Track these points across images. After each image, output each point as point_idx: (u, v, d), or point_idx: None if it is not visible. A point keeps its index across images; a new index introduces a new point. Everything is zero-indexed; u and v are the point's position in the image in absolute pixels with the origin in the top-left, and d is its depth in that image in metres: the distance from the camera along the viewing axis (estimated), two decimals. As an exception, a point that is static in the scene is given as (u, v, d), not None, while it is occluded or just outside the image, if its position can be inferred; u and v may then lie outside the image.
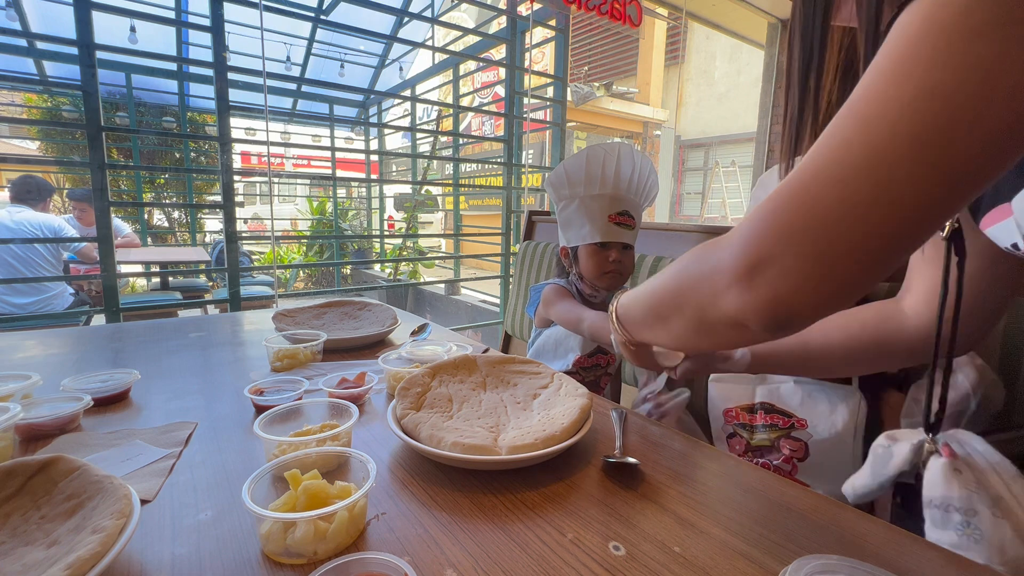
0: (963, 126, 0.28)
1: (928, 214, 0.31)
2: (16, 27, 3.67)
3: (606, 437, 0.67)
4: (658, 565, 0.42)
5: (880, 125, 0.31)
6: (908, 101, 0.30)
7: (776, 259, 0.35)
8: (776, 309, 0.36)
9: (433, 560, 0.42)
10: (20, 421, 0.60)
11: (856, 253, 0.32)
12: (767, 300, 0.36)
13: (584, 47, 9.67)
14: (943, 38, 0.29)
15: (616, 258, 1.06)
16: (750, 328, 0.38)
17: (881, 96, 0.31)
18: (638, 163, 1.08)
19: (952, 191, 0.30)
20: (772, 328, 0.38)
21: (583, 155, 1.08)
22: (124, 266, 3.50)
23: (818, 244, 0.33)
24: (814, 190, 0.33)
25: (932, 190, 0.30)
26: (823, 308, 0.36)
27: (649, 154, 9.72)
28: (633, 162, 1.07)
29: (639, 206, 1.10)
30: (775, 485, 0.56)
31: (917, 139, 0.29)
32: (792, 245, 0.34)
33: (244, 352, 1.02)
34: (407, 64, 5.72)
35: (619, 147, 1.08)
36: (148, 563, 0.41)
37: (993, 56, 0.27)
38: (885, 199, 0.31)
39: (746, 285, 0.37)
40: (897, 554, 0.44)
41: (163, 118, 5.56)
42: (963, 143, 0.29)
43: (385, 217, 6.72)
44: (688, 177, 9.72)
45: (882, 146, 0.31)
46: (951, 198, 0.31)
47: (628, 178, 1.07)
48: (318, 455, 0.52)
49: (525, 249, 1.71)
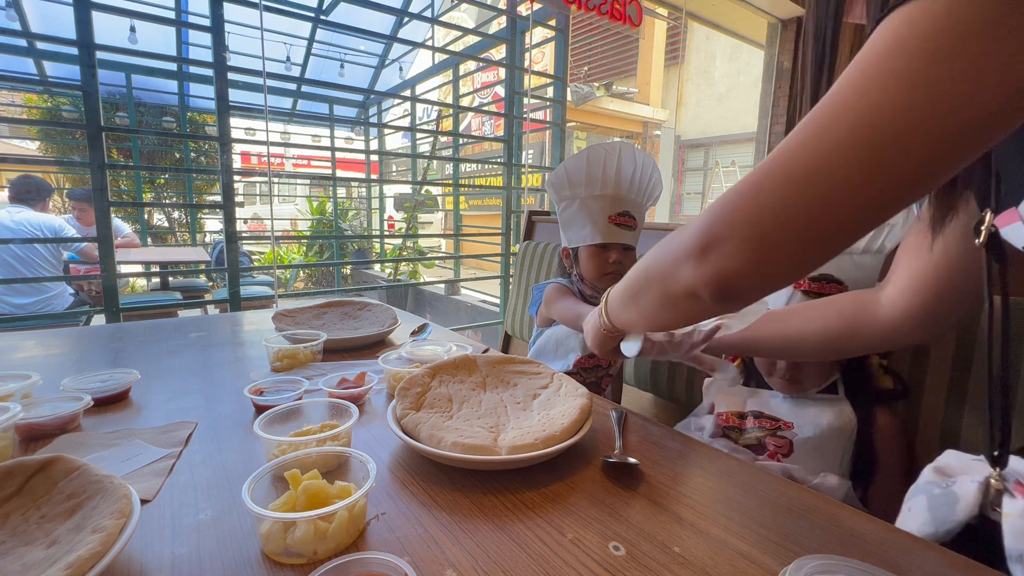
0: (906, 144, 0.30)
1: (861, 221, 0.35)
2: (16, 27, 3.67)
3: (606, 437, 0.67)
4: (658, 565, 0.42)
5: (834, 133, 0.33)
6: (862, 112, 0.32)
7: (723, 241, 0.40)
8: (722, 283, 0.41)
9: (433, 560, 0.42)
10: (20, 421, 0.60)
11: (792, 244, 0.37)
12: (714, 275, 0.41)
13: (584, 47, 9.67)
14: (903, 58, 0.30)
15: (616, 259, 1.05)
16: (703, 299, 0.43)
17: (840, 105, 0.33)
18: (640, 162, 1.07)
19: (884, 205, 0.34)
20: (720, 299, 0.43)
21: (583, 155, 1.07)
22: (124, 266, 3.50)
23: (758, 233, 0.37)
24: (765, 185, 0.37)
25: (868, 201, 0.33)
26: (762, 286, 0.41)
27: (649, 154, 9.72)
28: (635, 161, 1.07)
29: (641, 206, 1.10)
30: (775, 485, 0.56)
31: (863, 151, 0.32)
32: (737, 231, 0.39)
33: (244, 352, 1.02)
34: (407, 64, 5.72)
35: (620, 146, 1.07)
36: (148, 563, 0.41)
37: (944, 80, 0.29)
38: (823, 201, 0.34)
39: (698, 261, 0.42)
40: (897, 554, 0.44)
41: (163, 118, 5.56)
42: (903, 162, 0.31)
43: (385, 217, 6.72)
44: (688, 177, 9.72)
45: (831, 153, 0.33)
46: (882, 211, 0.34)
47: (629, 178, 1.07)
48: (318, 455, 0.52)
49: (525, 249, 1.71)
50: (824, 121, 0.34)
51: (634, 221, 1.07)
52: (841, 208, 0.34)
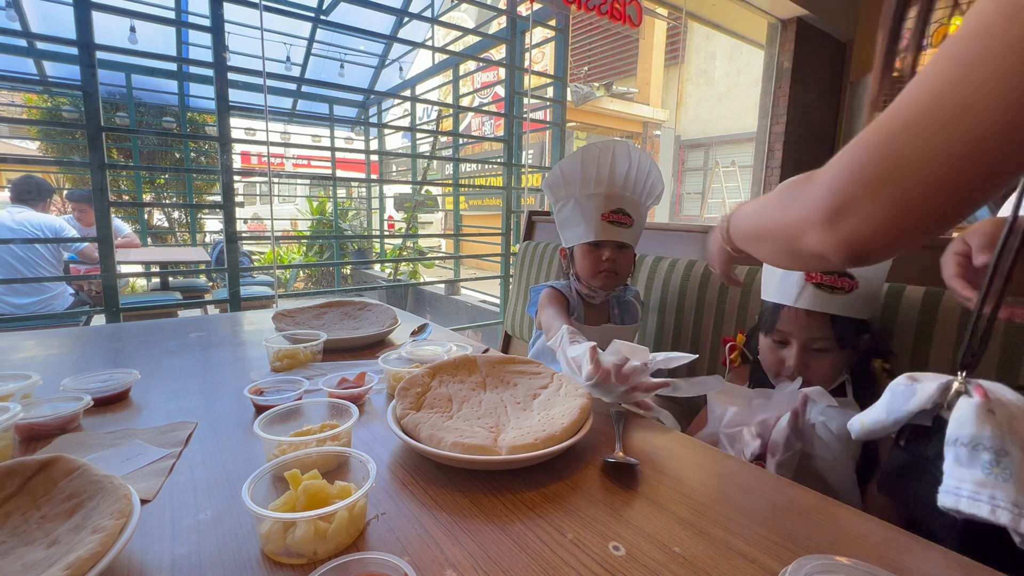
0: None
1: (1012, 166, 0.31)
2: (16, 27, 3.67)
3: (606, 437, 0.67)
4: (658, 565, 0.42)
5: (983, 64, 0.29)
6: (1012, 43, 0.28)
7: (858, 206, 0.37)
8: (856, 247, 0.39)
9: (433, 560, 0.42)
10: (20, 421, 0.60)
11: (939, 198, 0.33)
12: (847, 241, 0.39)
13: (584, 47, 9.67)
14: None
15: (610, 256, 1.04)
16: (832, 260, 0.42)
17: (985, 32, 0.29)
18: (635, 160, 1.06)
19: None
20: (851, 263, 0.41)
21: (578, 155, 1.07)
22: (124, 266, 3.50)
23: (897, 194, 0.35)
24: (901, 136, 0.34)
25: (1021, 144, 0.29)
26: (897, 247, 0.39)
27: (647, 152, 9.72)
28: (629, 159, 1.06)
29: (639, 204, 1.09)
30: (775, 485, 0.56)
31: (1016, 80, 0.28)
32: (873, 193, 0.36)
33: (244, 352, 1.02)
34: (407, 64, 5.72)
35: (614, 145, 1.07)
36: (148, 563, 0.41)
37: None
38: (971, 153, 0.31)
39: (829, 226, 0.39)
40: (897, 554, 0.44)
41: (163, 118, 5.55)
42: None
43: (385, 217, 6.72)
44: (688, 177, 9.71)
45: (980, 87, 0.30)
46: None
47: (624, 175, 1.06)
48: (318, 455, 0.52)
49: (525, 249, 1.71)
50: (965, 55, 0.30)
51: (629, 219, 1.06)
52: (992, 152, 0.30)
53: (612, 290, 1.12)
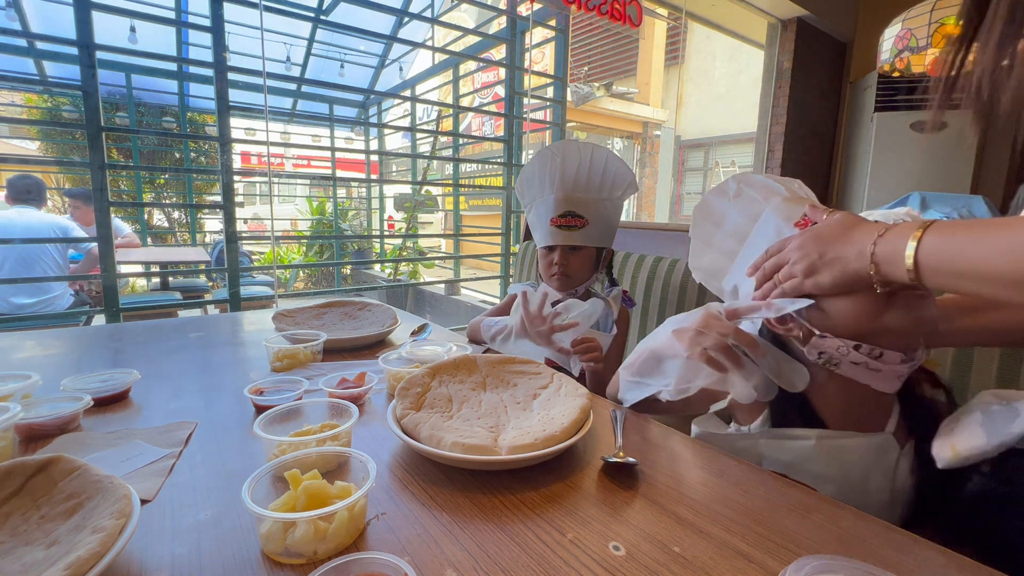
0: None
1: None
2: (16, 27, 3.67)
3: (606, 437, 0.67)
4: (658, 565, 0.42)
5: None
6: None
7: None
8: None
9: (433, 560, 0.42)
10: (20, 421, 0.60)
11: None
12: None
13: (584, 47, 9.67)
14: None
15: (559, 260, 1.06)
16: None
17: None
18: (586, 158, 1.05)
19: None
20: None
21: (535, 159, 1.08)
22: (124, 266, 3.49)
23: None
24: None
25: None
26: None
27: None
28: (579, 158, 1.05)
29: (595, 202, 1.06)
30: (775, 485, 0.56)
31: None
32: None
33: (244, 352, 1.02)
34: (407, 64, 5.72)
35: (564, 146, 1.07)
36: (148, 563, 0.41)
37: None
38: None
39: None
40: (897, 554, 0.44)
41: (163, 118, 5.56)
42: None
43: (385, 217, 6.72)
44: (688, 177, 9.71)
45: None
46: None
47: (573, 176, 1.05)
48: (318, 455, 0.52)
49: (525, 249, 1.71)
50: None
51: (580, 220, 1.05)
52: None
53: (569, 290, 1.12)
